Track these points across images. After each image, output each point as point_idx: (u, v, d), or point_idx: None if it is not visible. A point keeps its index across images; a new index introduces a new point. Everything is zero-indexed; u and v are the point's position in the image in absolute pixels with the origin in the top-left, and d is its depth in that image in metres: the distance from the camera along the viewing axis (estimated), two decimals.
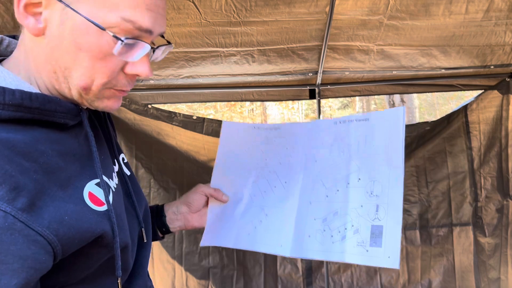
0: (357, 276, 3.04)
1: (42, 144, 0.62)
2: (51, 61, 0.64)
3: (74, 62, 0.63)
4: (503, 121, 2.80)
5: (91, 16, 0.61)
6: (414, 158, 3.04)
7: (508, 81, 2.74)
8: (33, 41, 0.65)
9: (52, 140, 0.65)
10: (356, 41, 2.37)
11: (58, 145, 0.65)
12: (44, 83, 0.67)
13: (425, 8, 2.11)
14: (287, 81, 2.80)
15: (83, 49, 0.63)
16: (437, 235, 3.00)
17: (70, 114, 0.68)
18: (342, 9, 2.11)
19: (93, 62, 0.64)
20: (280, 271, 3.06)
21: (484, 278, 2.92)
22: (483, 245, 2.93)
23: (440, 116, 3.65)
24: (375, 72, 2.71)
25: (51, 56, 0.64)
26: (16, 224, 0.53)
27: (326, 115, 15.20)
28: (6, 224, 0.52)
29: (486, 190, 2.92)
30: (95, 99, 0.69)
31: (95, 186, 0.68)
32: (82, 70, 0.64)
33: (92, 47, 0.63)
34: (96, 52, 0.63)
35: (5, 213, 0.52)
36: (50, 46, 0.63)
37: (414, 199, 3.03)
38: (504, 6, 2.11)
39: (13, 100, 0.58)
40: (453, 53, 2.48)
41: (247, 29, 2.23)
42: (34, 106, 0.60)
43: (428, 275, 3.00)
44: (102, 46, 0.63)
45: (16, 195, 0.53)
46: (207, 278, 2.98)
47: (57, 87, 0.67)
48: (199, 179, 3.08)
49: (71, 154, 0.67)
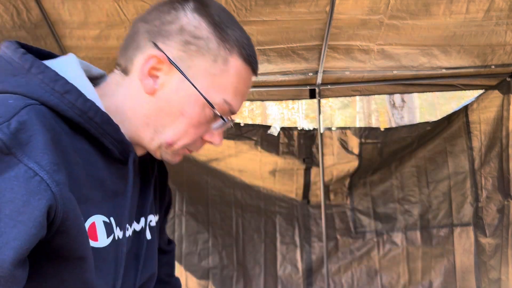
0: (357, 277, 3.03)
1: (81, 156, 0.65)
2: (151, 116, 0.73)
3: (172, 122, 0.73)
4: (503, 121, 2.79)
5: (203, 92, 0.71)
6: (415, 158, 3.03)
7: (508, 81, 2.73)
8: (139, 94, 0.73)
9: (91, 159, 0.67)
10: (357, 41, 2.37)
11: (93, 166, 0.67)
12: (129, 124, 0.74)
13: (425, 8, 2.11)
14: (287, 81, 2.80)
15: (185, 115, 0.72)
16: (438, 235, 3.00)
17: (120, 146, 0.71)
18: (342, 8, 2.10)
19: (187, 127, 0.73)
20: (280, 272, 3.05)
21: (485, 279, 2.91)
22: (484, 246, 2.93)
23: (441, 116, 3.65)
24: (375, 71, 2.71)
25: (153, 112, 0.72)
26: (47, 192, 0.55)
27: (326, 115, 15.20)
28: (38, 189, 0.54)
29: (486, 191, 2.92)
30: (170, 153, 0.76)
31: (102, 222, 0.69)
32: (176, 130, 0.73)
33: (194, 116, 0.72)
34: (195, 120, 0.73)
35: (42, 180, 0.55)
36: (157, 106, 0.72)
37: (415, 199, 3.03)
38: (504, 6, 2.10)
39: (83, 106, 0.64)
40: (453, 53, 2.48)
41: (247, 29, 2.22)
42: (95, 120, 0.65)
43: (429, 276, 2.99)
44: (202, 118, 0.73)
45: (57, 168, 0.57)
46: (207, 278, 2.98)
47: (141, 133, 0.74)
48: (199, 179, 3.08)
49: (99, 181, 0.68)
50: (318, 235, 3.05)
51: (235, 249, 3.02)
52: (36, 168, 0.55)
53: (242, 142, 2.96)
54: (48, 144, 0.57)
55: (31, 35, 2.21)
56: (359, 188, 3.08)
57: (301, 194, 3.09)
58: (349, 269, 3.04)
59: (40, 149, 0.56)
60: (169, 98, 0.71)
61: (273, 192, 3.08)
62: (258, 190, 3.07)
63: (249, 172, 3.04)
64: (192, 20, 0.71)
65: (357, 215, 3.06)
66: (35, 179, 0.54)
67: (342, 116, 16.26)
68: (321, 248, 3.03)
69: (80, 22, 2.16)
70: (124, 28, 2.20)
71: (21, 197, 0.53)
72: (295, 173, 3.05)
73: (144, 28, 0.72)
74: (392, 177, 3.05)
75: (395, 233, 3.03)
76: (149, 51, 0.71)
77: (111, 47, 2.31)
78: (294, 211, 3.08)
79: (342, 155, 3.02)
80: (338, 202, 3.08)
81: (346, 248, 3.05)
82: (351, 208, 3.07)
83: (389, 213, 3.05)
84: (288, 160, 3.02)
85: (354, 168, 3.03)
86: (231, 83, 0.73)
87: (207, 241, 3.00)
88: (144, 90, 0.72)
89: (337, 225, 3.06)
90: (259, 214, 3.06)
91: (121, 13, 2.10)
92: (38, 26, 2.16)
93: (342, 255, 3.04)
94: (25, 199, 0.53)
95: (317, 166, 2.99)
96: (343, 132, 3.05)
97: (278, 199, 3.08)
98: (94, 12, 2.10)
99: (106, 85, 0.77)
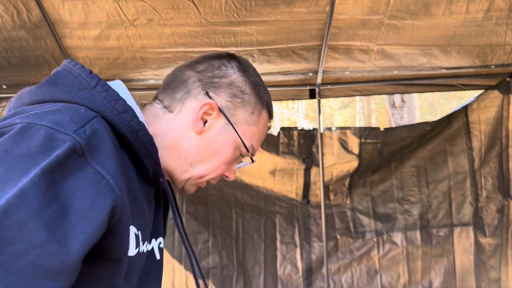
0: (357, 277, 3.03)
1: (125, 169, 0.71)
2: (191, 151, 0.84)
3: (208, 159, 0.85)
4: (503, 121, 2.79)
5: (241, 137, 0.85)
6: (415, 158, 3.03)
7: (508, 81, 2.73)
8: (187, 132, 0.84)
9: (130, 174, 0.73)
10: (356, 41, 2.37)
11: (131, 181, 0.72)
12: (166, 153, 0.83)
13: (425, 8, 2.11)
14: (287, 81, 2.80)
15: (221, 154, 0.85)
16: (438, 235, 3.00)
17: (155, 168, 0.77)
18: (342, 8, 2.10)
19: (220, 164, 0.86)
20: (280, 272, 3.05)
21: (485, 279, 2.91)
22: (484, 246, 2.93)
23: (441, 116, 3.65)
24: (375, 72, 2.71)
25: (195, 149, 0.84)
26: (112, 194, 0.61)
27: (326, 115, 15.19)
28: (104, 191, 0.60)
29: (486, 190, 2.92)
30: (194, 184, 0.88)
31: (134, 234, 0.73)
32: (209, 166, 0.85)
33: (228, 156, 0.85)
34: (227, 160, 0.85)
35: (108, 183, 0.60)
36: (200, 144, 0.84)
37: (415, 199, 3.03)
38: (504, 6, 2.10)
39: (136, 126, 0.71)
40: (453, 53, 2.48)
41: (247, 29, 2.22)
42: (142, 140, 0.72)
43: (429, 276, 2.99)
44: (233, 158, 0.87)
45: (119, 175, 0.63)
46: (207, 278, 2.98)
47: (177, 164, 0.84)
48: None
49: (135, 196, 0.73)
50: (318, 235, 3.05)
51: (235, 249, 3.03)
52: (103, 172, 0.60)
53: None
54: (113, 152, 0.64)
55: (31, 35, 2.21)
56: (359, 188, 3.08)
57: (301, 194, 3.09)
58: (349, 269, 3.04)
59: (106, 155, 0.62)
60: (212, 139, 0.84)
61: (273, 192, 3.08)
62: (258, 190, 3.07)
63: (249, 172, 3.04)
64: (240, 77, 0.86)
65: (357, 215, 3.07)
66: (102, 182, 0.60)
67: (342, 116, 16.26)
68: (321, 248, 3.04)
69: (80, 22, 2.16)
70: (124, 28, 2.20)
71: (90, 196, 0.58)
72: (295, 173, 3.05)
73: (195, 77, 0.85)
74: (392, 177, 3.05)
75: (395, 233, 3.03)
76: (202, 98, 0.84)
77: (111, 47, 2.32)
78: (294, 211, 3.08)
79: (342, 155, 3.03)
80: (338, 202, 3.08)
81: (346, 248, 3.05)
82: (351, 208, 3.07)
83: (389, 213, 3.05)
84: (288, 160, 3.02)
85: (354, 168, 3.04)
86: (258, 132, 0.89)
87: (207, 241, 3.00)
88: (193, 129, 0.84)
89: (337, 225, 3.06)
90: (259, 214, 3.07)
91: (121, 13, 2.11)
92: (38, 26, 2.16)
93: (342, 255, 3.04)
94: (94, 198, 0.58)
95: (317, 166, 2.99)
96: (343, 132, 3.05)
97: (278, 199, 3.08)
98: (94, 12, 2.10)
99: (145, 114, 0.87)
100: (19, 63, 2.39)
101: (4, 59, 2.36)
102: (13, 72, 2.45)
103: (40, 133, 0.58)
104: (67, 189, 0.56)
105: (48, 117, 0.60)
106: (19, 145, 0.56)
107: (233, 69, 0.87)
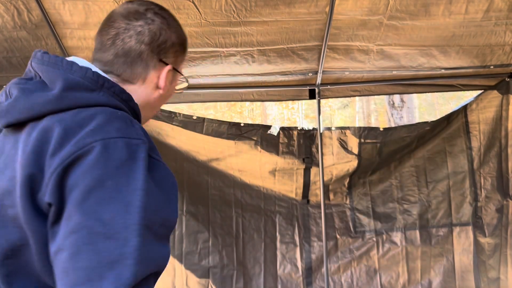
0: (357, 276, 3.04)
1: None
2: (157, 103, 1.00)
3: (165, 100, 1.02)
4: (502, 121, 2.80)
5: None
6: (414, 158, 3.04)
7: (507, 81, 2.74)
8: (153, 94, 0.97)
9: None
10: (356, 41, 2.37)
11: None
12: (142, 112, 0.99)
13: (424, 8, 2.12)
14: (287, 81, 2.80)
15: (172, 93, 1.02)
16: (437, 235, 3.00)
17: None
18: (342, 9, 2.11)
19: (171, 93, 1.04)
20: (280, 271, 3.06)
21: (484, 278, 2.92)
22: (483, 245, 2.93)
23: (440, 116, 3.65)
24: (375, 72, 2.71)
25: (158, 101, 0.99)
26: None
27: (326, 115, 15.19)
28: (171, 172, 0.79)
29: (486, 190, 2.92)
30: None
31: None
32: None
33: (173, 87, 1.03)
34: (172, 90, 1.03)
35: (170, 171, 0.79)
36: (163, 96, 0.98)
37: (414, 199, 3.03)
38: (504, 6, 2.11)
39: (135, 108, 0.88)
40: (453, 53, 2.48)
41: (247, 29, 2.23)
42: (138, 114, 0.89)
43: (428, 275, 3.00)
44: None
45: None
46: (207, 277, 2.98)
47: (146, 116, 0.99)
48: (199, 179, 3.09)
49: None
50: (318, 235, 3.06)
51: (235, 249, 3.03)
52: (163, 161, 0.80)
53: (242, 142, 2.97)
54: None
55: (32, 36, 2.22)
56: (358, 187, 3.09)
57: (300, 193, 3.09)
58: (349, 268, 3.05)
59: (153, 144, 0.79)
60: (169, 88, 0.99)
61: (273, 192, 3.09)
62: (258, 190, 3.07)
63: (249, 172, 3.05)
64: (173, 34, 0.96)
65: (357, 215, 3.07)
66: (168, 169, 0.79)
67: (342, 116, 16.26)
68: (320, 248, 3.04)
69: (81, 22, 2.16)
70: None
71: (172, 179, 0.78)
72: (295, 173, 3.06)
73: (147, 50, 0.93)
74: (391, 177, 3.06)
75: (394, 232, 3.04)
76: (160, 67, 0.95)
77: None
78: (294, 211, 3.08)
79: (342, 155, 3.03)
80: (337, 201, 3.08)
81: (345, 247, 3.05)
82: (350, 207, 3.08)
83: (388, 213, 3.06)
84: (288, 160, 3.03)
85: (354, 167, 3.04)
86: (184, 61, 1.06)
87: (207, 241, 3.01)
88: (158, 91, 0.97)
89: (337, 224, 3.06)
90: (259, 214, 3.07)
91: None
92: (39, 27, 2.17)
93: (342, 255, 3.05)
94: (173, 180, 0.78)
95: (317, 166, 3.00)
96: (343, 132, 3.06)
97: (278, 199, 3.09)
98: (94, 13, 2.11)
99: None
100: (20, 63, 2.40)
101: (5, 59, 2.36)
102: (14, 72, 2.46)
103: (119, 145, 0.71)
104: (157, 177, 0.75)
105: (111, 128, 0.73)
106: (111, 160, 0.69)
107: (166, 28, 0.95)
